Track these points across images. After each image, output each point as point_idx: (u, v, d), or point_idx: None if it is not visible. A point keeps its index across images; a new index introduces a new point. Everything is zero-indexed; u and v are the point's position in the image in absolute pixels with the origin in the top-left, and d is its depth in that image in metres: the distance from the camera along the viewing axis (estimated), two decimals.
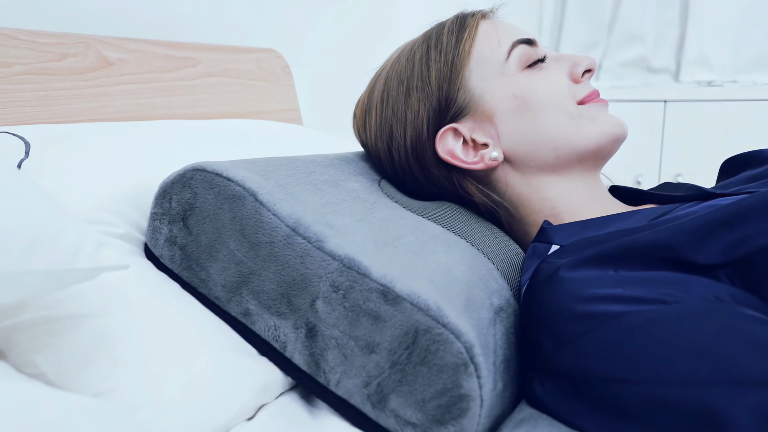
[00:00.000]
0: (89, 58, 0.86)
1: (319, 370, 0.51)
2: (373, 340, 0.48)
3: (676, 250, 0.51)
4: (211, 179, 0.55)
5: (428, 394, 0.46)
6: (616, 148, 0.67)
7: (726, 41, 2.09)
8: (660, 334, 0.45)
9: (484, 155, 0.65)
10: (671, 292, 0.48)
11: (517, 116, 0.64)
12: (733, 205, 0.52)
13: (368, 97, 0.71)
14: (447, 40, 0.67)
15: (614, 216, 0.62)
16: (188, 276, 0.57)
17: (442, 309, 0.47)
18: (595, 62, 0.69)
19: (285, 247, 0.52)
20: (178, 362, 0.48)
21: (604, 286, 0.49)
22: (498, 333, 0.51)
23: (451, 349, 0.46)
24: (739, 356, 0.43)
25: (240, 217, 0.54)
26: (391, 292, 0.48)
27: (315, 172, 0.63)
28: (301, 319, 0.51)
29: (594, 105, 0.67)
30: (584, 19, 2.36)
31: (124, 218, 0.60)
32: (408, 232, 0.57)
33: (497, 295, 0.55)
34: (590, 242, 0.56)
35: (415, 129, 0.66)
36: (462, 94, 0.65)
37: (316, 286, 0.51)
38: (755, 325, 0.45)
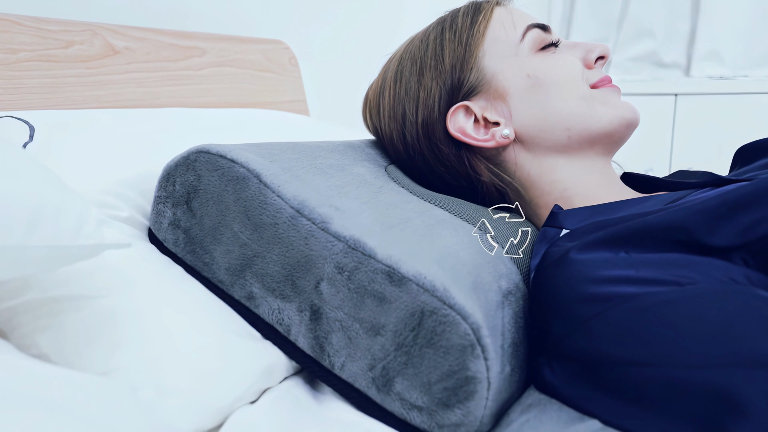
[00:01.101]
0: (96, 46, 0.85)
1: (324, 354, 0.50)
2: (378, 322, 0.47)
3: (690, 232, 0.49)
4: (215, 161, 0.55)
5: (434, 377, 0.46)
6: (628, 134, 0.66)
7: (737, 36, 2.06)
8: (674, 316, 0.44)
9: (495, 133, 0.64)
10: (685, 274, 0.47)
11: (530, 95, 0.64)
12: (747, 186, 0.50)
13: (382, 79, 0.71)
14: (462, 22, 0.67)
15: (626, 201, 0.61)
16: (192, 259, 0.56)
17: (449, 290, 0.46)
18: (609, 50, 0.68)
19: (289, 229, 0.51)
20: (180, 344, 0.48)
21: (616, 268, 0.48)
22: (506, 316, 0.50)
23: (457, 330, 0.45)
24: (756, 338, 0.42)
25: (244, 199, 0.53)
26: (397, 273, 0.47)
27: (320, 156, 0.62)
28: (306, 301, 0.51)
29: (606, 89, 0.66)
30: (594, 14, 2.34)
31: (128, 202, 0.60)
32: (415, 216, 0.56)
33: (506, 279, 0.54)
34: (601, 225, 0.55)
35: (426, 107, 0.66)
36: (475, 73, 0.65)
37: (321, 267, 0.50)
38: None
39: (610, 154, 0.67)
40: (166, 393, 0.44)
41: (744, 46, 2.07)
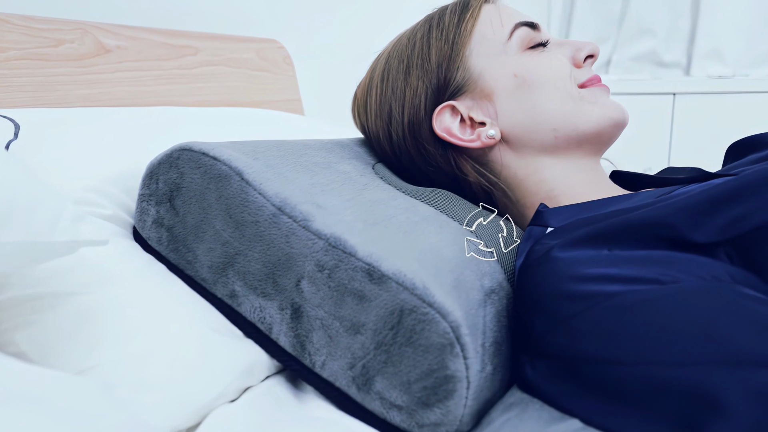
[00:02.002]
0: (86, 45, 0.85)
1: (305, 352, 0.50)
2: (358, 321, 0.47)
3: (673, 228, 0.49)
4: (197, 158, 0.54)
5: (413, 376, 0.45)
6: (616, 134, 0.65)
7: (738, 34, 2.05)
8: (656, 314, 0.44)
9: (480, 133, 0.64)
10: (668, 272, 0.46)
11: (517, 95, 0.63)
12: (731, 182, 0.50)
13: (369, 78, 0.71)
14: (449, 20, 0.66)
15: (612, 198, 0.61)
16: (175, 258, 0.56)
17: (429, 288, 0.46)
18: (598, 48, 0.67)
19: (270, 227, 0.51)
20: (160, 341, 0.47)
21: (599, 266, 0.48)
22: (488, 315, 0.50)
23: (436, 328, 0.44)
24: (737, 336, 0.41)
25: (226, 197, 0.53)
26: (377, 271, 0.47)
27: (306, 154, 0.62)
28: (287, 299, 0.50)
29: (595, 89, 0.65)
30: (594, 13, 2.33)
31: (112, 200, 0.59)
32: (399, 213, 0.56)
33: (489, 278, 0.53)
34: (586, 222, 0.54)
35: (413, 106, 0.65)
36: (461, 73, 0.64)
37: (302, 265, 0.49)
38: (753, 305, 0.43)
39: (599, 154, 0.67)
40: (143, 390, 0.44)
41: (745, 44, 2.05)
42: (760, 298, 0.43)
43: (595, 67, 2.34)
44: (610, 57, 2.31)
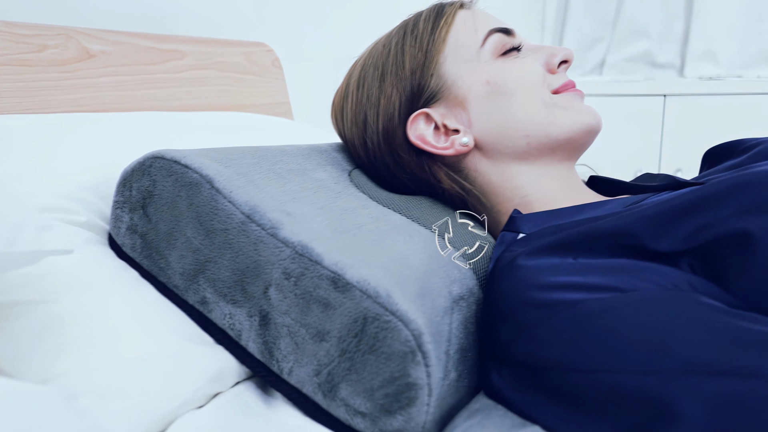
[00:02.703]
0: (70, 50, 0.86)
1: (273, 359, 0.51)
2: (323, 328, 0.48)
3: (637, 238, 0.50)
4: (169, 166, 0.55)
5: (376, 383, 0.46)
6: (590, 140, 0.66)
7: (732, 35, 2.05)
8: (614, 322, 0.44)
9: (454, 141, 0.64)
10: (629, 280, 0.47)
11: (490, 102, 0.63)
12: (695, 192, 0.50)
13: (346, 84, 0.71)
14: (423, 27, 0.66)
15: (586, 205, 0.61)
16: (148, 264, 0.56)
17: (392, 296, 0.46)
18: (572, 54, 0.68)
19: (239, 234, 0.51)
20: (126, 349, 0.48)
21: (563, 274, 0.48)
22: (455, 322, 0.51)
23: (398, 336, 0.45)
24: (693, 345, 0.42)
25: (196, 204, 0.53)
26: (342, 279, 0.47)
27: (282, 161, 0.63)
28: (255, 306, 0.51)
29: (569, 94, 0.66)
30: (588, 14, 2.33)
31: (88, 207, 0.60)
32: (369, 222, 0.56)
33: (458, 284, 0.54)
34: (554, 230, 0.54)
35: (387, 114, 0.65)
36: (435, 80, 0.64)
37: (269, 273, 0.50)
38: (711, 314, 0.43)
39: (573, 160, 0.67)
40: (107, 398, 0.44)
41: (738, 45, 2.06)
42: (719, 308, 0.44)
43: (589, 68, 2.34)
44: (604, 58, 2.31)
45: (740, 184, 0.49)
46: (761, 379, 0.39)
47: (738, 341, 0.41)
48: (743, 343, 0.41)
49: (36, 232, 0.42)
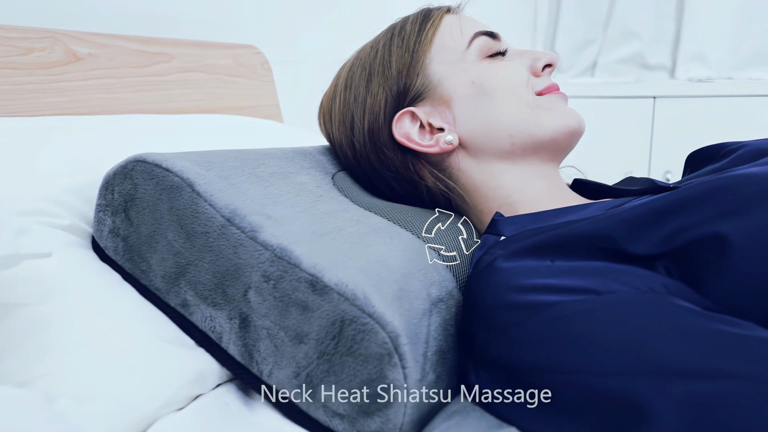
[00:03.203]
0: (57, 53, 0.86)
1: (252, 361, 0.51)
2: (302, 330, 0.48)
3: (614, 241, 0.50)
4: (150, 170, 0.55)
5: (354, 385, 0.46)
6: (573, 142, 0.66)
7: (723, 37, 2.06)
8: (589, 324, 0.45)
9: (439, 139, 0.65)
10: (606, 283, 0.47)
11: (475, 102, 0.64)
12: (672, 195, 0.51)
13: (334, 86, 0.72)
14: (410, 29, 0.67)
15: (567, 208, 0.62)
16: (131, 267, 0.57)
17: (370, 298, 0.46)
18: (557, 57, 0.68)
19: (219, 238, 0.52)
20: (105, 351, 0.48)
21: (540, 276, 0.49)
22: (433, 324, 0.51)
23: (375, 339, 0.45)
24: (666, 347, 0.42)
25: (177, 208, 0.53)
26: (320, 282, 0.48)
27: (264, 164, 0.63)
28: (235, 309, 0.51)
29: (552, 96, 0.66)
30: (580, 16, 2.34)
31: (71, 210, 0.60)
32: (350, 224, 0.56)
33: (437, 287, 0.54)
34: (533, 233, 0.55)
35: (373, 113, 0.66)
36: (421, 80, 0.65)
37: (249, 276, 0.50)
38: (685, 316, 0.44)
39: (557, 161, 0.68)
40: (86, 400, 0.45)
41: (729, 47, 2.07)
42: (693, 310, 0.44)
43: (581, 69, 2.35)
44: (596, 59, 2.32)
45: (716, 188, 0.49)
46: (732, 380, 0.40)
47: (710, 343, 0.42)
48: (715, 345, 0.42)
49: (13, 236, 0.42)
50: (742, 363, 0.40)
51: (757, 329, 0.43)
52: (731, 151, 0.68)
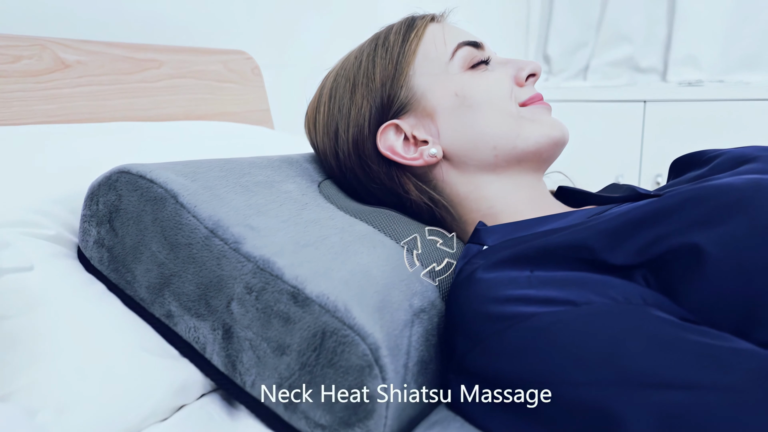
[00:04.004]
0: (45, 60, 0.86)
1: (236, 372, 0.51)
2: (284, 342, 0.48)
3: (592, 251, 0.51)
4: (135, 181, 0.55)
5: (335, 396, 0.46)
6: (557, 152, 0.67)
7: (714, 40, 2.08)
8: (565, 336, 0.45)
9: (423, 151, 0.65)
10: (583, 293, 0.48)
11: (458, 114, 0.64)
12: (650, 205, 0.52)
13: (319, 95, 0.72)
14: (394, 39, 0.67)
15: (549, 217, 0.62)
16: (115, 277, 0.57)
17: (351, 311, 0.47)
18: (540, 67, 0.69)
19: (203, 249, 0.52)
20: (89, 362, 0.48)
21: (519, 287, 0.49)
22: (415, 335, 0.51)
23: (356, 350, 0.46)
24: (640, 358, 0.43)
25: (161, 219, 0.54)
26: (301, 294, 0.48)
27: (250, 173, 0.63)
28: (218, 320, 0.52)
29: (536, 107, 0.67)
30: (572, 19, 2.35)
31: (56, 220, 0.60)
32: (334, 233, 0.57)
33: (419, 297, 0.55)
34: (514, 243, 0.55)
35: (357, 125, 0.66)
36: (405, 92, 0.65)
37: (232, 287, 0.51)
38: (660, 327, 0.44)
39: (540, 171, 0.68)
40: (70, 412, 0.45)
41: (720, 50, 2.08)
42: (668, 320, 0.45)
43: (573, 72, 2.36)
44: (588, 62, 2.33)
45: (691, 198, 0.50)
46: (706, 391, 0.40)
47: (685, 354, 0.42)
48: (689, 356, 0.42)
49: None
50: (716, 374, 0.41)
51: (732, 340, 0.44)
52: (712, 158, 0.69)
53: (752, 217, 0.47)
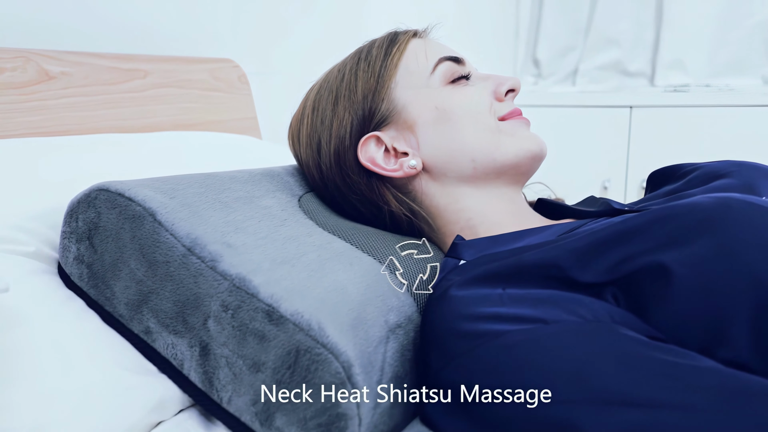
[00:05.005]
0: (29, 72, 0.86)
1: (213, 388, 0.52)
2: (259, 359, 0.49)
3: (563, 269, 0.52)
4: (113, 199, 0.56)
5: (309, 413, 0.47)
6: (535, 166, 0.68)
7: (701, 45, 2.09)
8: (535, 353, 0.46)
9: (403, 163, 0.66)
10: (553, 311, 0.49)
11: (438, 127, 0.66)
12: (620, 224, 0.52)
13: (302, 108, 0.73)
14: (376, 53, 0.68)
15: (526, 231, 0.63)
16: (95, 294, 0.57)
17: (324, 329, 0.48)
18: (519, 83, 0.70)
19: (180, 267, 0.53)
20: (65, 380, 0.49)
21: (491, 305, 0.50)
22: (390, 351, 0.52)
23: (329, 368, 0.46)
24: (606, 376, 0.44)
25: (139, 237, 0.54)
26: (276, 312, 0.49)
27: (230, 188, 0.64)
28: (195, 337, 0.52)
29: (515, 121, 0.68)
30: (561, 23, 2.36)
31: (37, 236, 0.61)
32: (311, 250, 0.58)
33: (395, 312, 0.55)
34: (489, 259, 0.56)
35: (338, 136, 0.67)
36: (386, 104, 0.66)
37: (208, 305, 0.51)
38: (627, 345, 0.45)
39: (519, 184, 0.69)
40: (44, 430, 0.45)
41: (707, 54, 2.10)
42: (635, 339, 0.46)
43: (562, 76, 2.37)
44: (577, 66, 2.34)
45: (660, 217, 0.51)
46: (669, 410, 0.41)
47: (650, 372, 0.43)
48: (655, 375, 0.43)
49: None
50: (680, 393, 0.42)
51: (698, 358, 0.45)
52: (687, 172, 0.70)
53: (718, 237, 0.48)
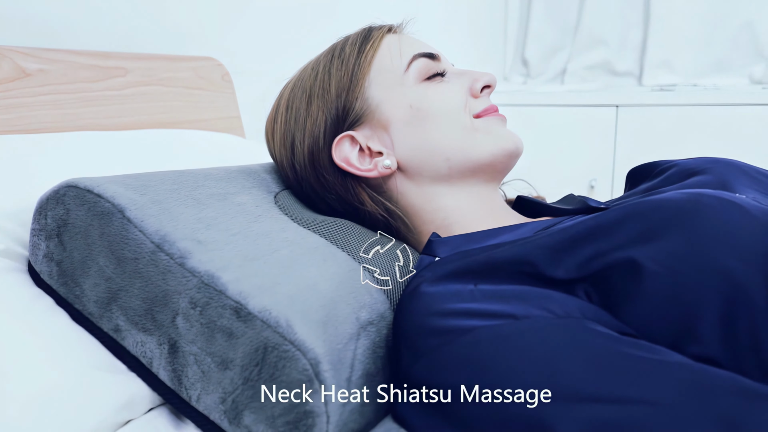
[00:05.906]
0: (4, 70, 0.85)
1: (181, 386, 0.51)
2: (227, 357, 0.49)
3: (535, 265, 0.51)
4: (82, 195, 0.55)
5: (277, 411, 0.47)
6: (511, 164, 0.67)
7: (687, 45, 2.10)
8: (504, 349, 0.46)
9: (377, 163, 0.65)
10: (524, 307, 0.48)
11: (412, 126, 0.65)
12: (592, 220, 0.52)
13: (276, 106, 0.72)
14: (350, 51, 0.68)
15: (501, 228, 0.63)
16: (64, 292, 0.57)
17: (292, 326, 0.47)
18: (495, 79, 0.69)
19: (149, 264, 0.52)
20: (30, 380, 0.48)
21: (462, 301, 0.50)
22: (360, 348, 0.52)
23: (296, 365, 0.46)
24: (575, 372, 0.43)
25: (108, 234, 0.54)
26: (244, 309, 0.48)
27: (204, 185, 0.63)
28: (164, 335, 0.52)
29: (490, 119, 0.67)
30: (549, 23, 2.37)
31: (6, 234, 0.60)
32: (284, 246, 0.57)
33: (368, 309, 0.55)
34: (461, 256, 0.56)
35: (312, 136, 0.66)
36: (360, 103, 0.66)
37: (177, 302, 0.51)
38: (597, 341, 0.45)
39: (495, 182, 0.69)
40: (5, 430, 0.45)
41: (694, 54, 2.11)
42: (605, 334, 0.46)
43: (551, 76, 2.38)
44: (565, 66, 2.35)
45: (631, 213, 0.51)
46: (638, 405, 0.41)
47: (619, 368, 0.43)
48: (623, 370, 0.43)
49: None
50: (649, 388, 0.42)
51: (668, 354, 0.44)
52: (664, 169, 0.70)
53: (688, 233, 0.48)
